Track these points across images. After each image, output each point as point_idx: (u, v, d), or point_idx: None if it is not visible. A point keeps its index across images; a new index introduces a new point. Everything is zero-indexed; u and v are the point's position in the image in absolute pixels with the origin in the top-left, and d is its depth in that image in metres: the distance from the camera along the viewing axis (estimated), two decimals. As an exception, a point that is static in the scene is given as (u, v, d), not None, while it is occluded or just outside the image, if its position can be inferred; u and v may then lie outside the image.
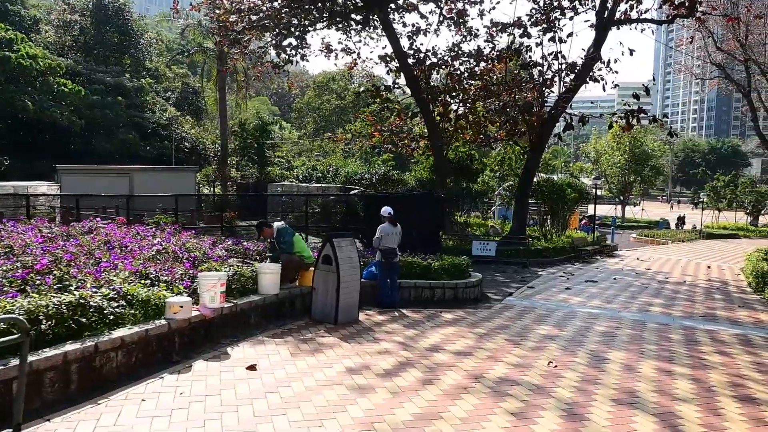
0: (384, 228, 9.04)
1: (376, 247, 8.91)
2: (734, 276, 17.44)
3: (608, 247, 23.24)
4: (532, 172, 19.81)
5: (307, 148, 48.02)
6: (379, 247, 8.91)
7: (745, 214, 49.52)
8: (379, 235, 8.98)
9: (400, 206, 15.76)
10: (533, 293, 11.68)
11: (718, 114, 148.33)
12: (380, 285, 9.00)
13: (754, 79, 25.31)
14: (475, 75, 22.02)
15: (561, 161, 57.98)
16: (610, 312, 9.82)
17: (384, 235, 9.02)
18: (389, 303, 8.92)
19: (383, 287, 8.97)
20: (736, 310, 10.78)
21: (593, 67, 18.89)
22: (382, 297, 8.99)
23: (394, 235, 9.17)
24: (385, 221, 9.18)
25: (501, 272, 15.38)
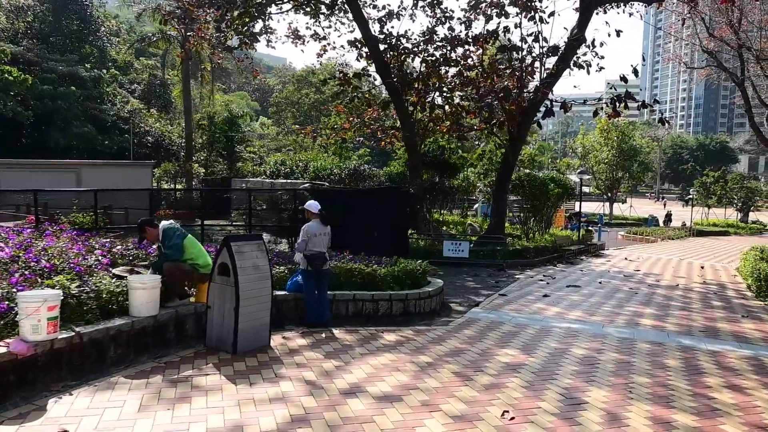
0: (311, 228, 7.26)
1: (301, 251, 7.14)
2: (731, 277, 15.91)
3: (594, 246, 21.67)
4: (511, 165, 18.15)
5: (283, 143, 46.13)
6: (305, 252, 7.15)
7: (735, 211, 48.44)
8: (305, 236, 7.20)
9: (361, 203, 14.07)
10: (505, 302, 9.99)
11: (705, 110, 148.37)
12: (306, 299, 7.24)
13: (747, 67, 23.80)
14: (450, 61, 20.32)
15: (547, 157, 56.59)
16: (592, 327, 8.14)
17: (310, 237, 7.24)
18: (317, 321, 7.18)
19: (310, 301, 7.22)
20: (739, 321, 9.17)
21: (577, 49, 17.25)
22: (309, 313, 7.23)
23: (322, 236, 7.38)
24: (312, 219, 7.39)
25: (473, 276, 13.71)
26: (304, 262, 7.14)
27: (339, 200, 13.03)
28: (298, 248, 7.15)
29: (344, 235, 13.40)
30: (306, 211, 7.53)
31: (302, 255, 7.12)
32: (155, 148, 32.85)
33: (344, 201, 13.43)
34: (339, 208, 13.06)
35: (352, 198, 13.79)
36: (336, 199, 12.74)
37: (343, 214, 13.19)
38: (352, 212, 13.46)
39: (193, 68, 31.39)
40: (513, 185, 20.14)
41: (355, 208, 13.67)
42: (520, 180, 20.07)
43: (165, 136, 33.35)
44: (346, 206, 13.44)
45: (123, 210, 13.84)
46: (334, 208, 13.02)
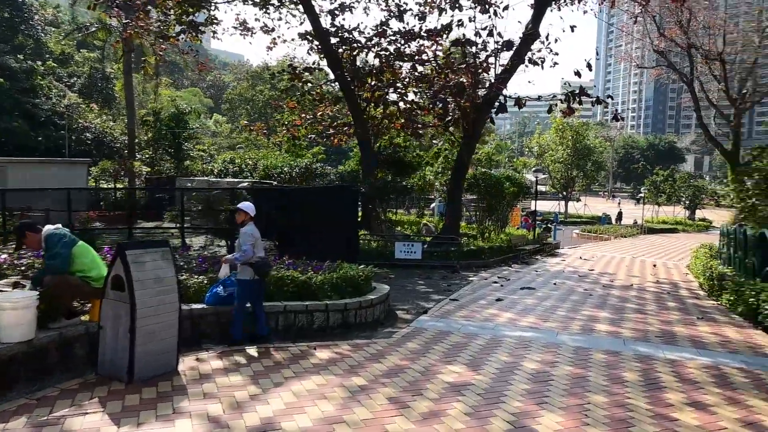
0: (255, 231, 6.42)
1: (248, 258, 6.26)
2: (682, 276, 15.87)
3: (550, 246, 21.48)
4: (465, 163, 17.64)
5: (237, 141, 44.55)
6: (253, 259, 6.29)
7: (683, 209, 49.87)
8: (251, 240, 6.35)
9: (308, 203, 13.20)
10: (455, 308, 9.35)
11: (655, 112, 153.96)
12: (238, 312, 6.36)
13: (696, 67, 24.20)
14: (404, 56, 19.68)
15: (505, 156, 56.94)
16: (546, 335, 7.58)
17: (256, 241, 6.41)
18: (239, 337, 6.34)
19: (241, 316, 6.34)
20: (695, 324, 8.82)
21: (531, 45, 16.89)
22: (237, 329, 6.36)
23: (261, 240, 6.56)
24: (247, 222, 6.53)
25: (426, 279, 13.07)
26: (248, 271, 6.27)
27: (283, 200, 12.14)
28: (245, 255, 6.23)
29: (289, 237, 12.59)
30: (240, 213, 6.56)
31: (243, 263, 6.24)
32: (96, 146, 30.87)
33: (288, 201, 12.55)
34: (283, 209, 12.20)
35: (297, 197, 12.91)
36: (280, 199, 11.85)
37: (287, 216, 12.34)
38: (298, 213, 12.61)
39: (139, 61, 29.66)
40: (468, 184, 19.69)
41: (301, 208, 12.81)
42: (476, 178, 19.62)
43: (107, 133, 31.42)
44: (291, 207, 12.58)
45: (43, 212, 12.49)
46: (277, 208, 12.18)
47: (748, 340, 7.80)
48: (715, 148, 27.47)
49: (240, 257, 6.28)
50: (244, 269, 6.33)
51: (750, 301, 9.19)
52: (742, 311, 9.60)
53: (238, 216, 6.58)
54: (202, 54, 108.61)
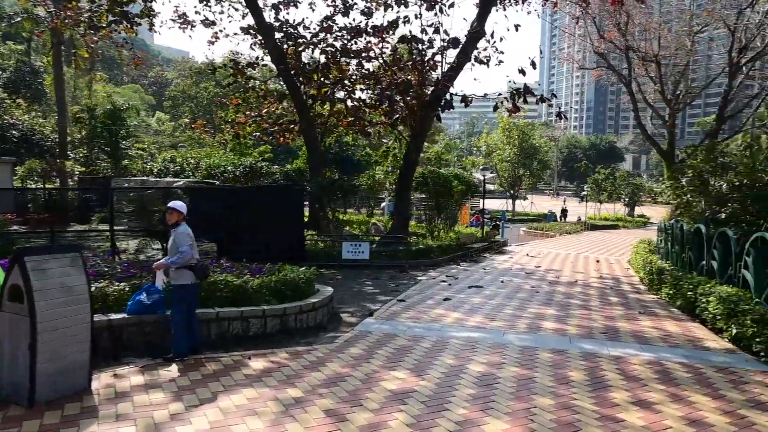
0: (190, 231, 5.90)
1: (187, 261, 5.73)
2: (624, 271, 16.30)
3: (497, 243, 21.68)
4: (413, 161, 17.48)
5: (180, 140, 42.88)
6: (191, 261, 5.77)
7: (623, 206, 51.93)
8: (189, 240, 5.83)
9: (250, 202, 12.64)
10: (402, 309, 9.10)
11: (595, 113, 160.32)
12: (178, 324, 5.76)
13: (634, 69, 25.04)
14: (351, 52, 19.31)
15: (454, 155, 57.63)
16: (492, 335, 7.43)
17: (193, 241, 5.89)
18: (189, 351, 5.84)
19: (182, 327, 5.77)
20: (637, 319, 8.93)
21: (477, 43, 16.91)
22: (180, 343, 5.80)
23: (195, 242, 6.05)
24: (180, 222, 5.97)
25: (373, 279, 12.77)
26: (186, 275, 5.73)
27: (223, 200, 11.54)
28: (184, 256, 5.67)
29: (232, 239, 12.00)
30: (172, 213, 5.96)
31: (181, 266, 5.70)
32: (24, 144, 28.84)
33: (229, 201, 11.97)
34: (223, 209, 11.61)
35: (239, 197, 12.34)
36: (219, 199, 11.24)
37: (228, 216, 11.76)
38: (240, 213, 12.05)
39: (72, 54, 27.88)
40: (417, 182, 19.56)
41: (243, 208, 12.26)
42: (424, 177, 19.50)
43: (36, 130, 29.43)
44: (233, 207, 12.01)
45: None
46: (217, 209, 11.58)
47: (687, 334, 7.93)
48: (653, 147, 28.58)
49: (178, 260, 5.72)
50: (182, 273, 5.78)
51: (688, 295, 9.40)
52: (680, 305, 9.82)
53: (170, 216, 5.98)
54: (143, 49, 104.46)
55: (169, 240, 6.00)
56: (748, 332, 6.96)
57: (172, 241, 5.90)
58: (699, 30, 25.34)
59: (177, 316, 5.79)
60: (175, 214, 5.96)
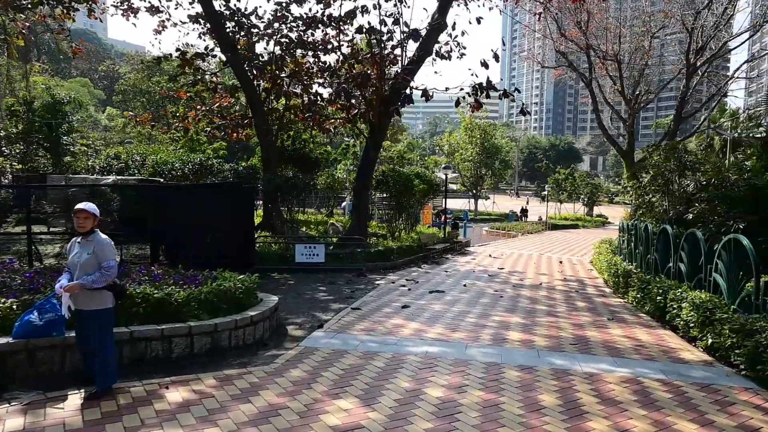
0: (112, 242, 4.84)
1: (111, 278, 4.69)
2: (587, 272, 15.95)
3: (460, 244, 21.12)
4: (372, 158, 16.67)
5: (132, 136, 40.74)
6: (115, 279, 4.75)
7: (582, 206, 52.65)
8: (115, 253, 4.82)
9: (191, 202, 11.55)
10: (357, 319, 8.27)
11: (554, 115, 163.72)
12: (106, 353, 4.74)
13: (594, 69, 24.98)
14: (307, 44, 18.35)
15: (417, 154, 57.19)
16: (454, 349, 6.69)
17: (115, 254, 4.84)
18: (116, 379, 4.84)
19: (110, 355, 4.78)
20: (607, 326, 8.38)
21: (439, 36, 16.25)
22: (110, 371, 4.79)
23: None
24: (96, 227, 4.88)
25: (328, 284, 11.89)
26: (107, 297, 4.68)
27: (161, 199, 10.43)
28: (110, 274, 4.61)
29: (170, 243, 10.90)
30: (86, 216, 4.71)
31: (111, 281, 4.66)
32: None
33: (168, 200, 10.85)
34: (161, 209, 10.49)
35: (180, 196, 11.24)
36: (157, 198, 10.14)
37: (166, 218, 10.65)
38: (180, 214, 10.96)
39: (3, 42, 25.81)
40: (377, 181, 18.78)
41: (185, 208, 11.16)
42: (384, 175, 18.73)
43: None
44: (172, 207, 10.89)
45: None
46: (153, 209, 10.46)
47: (660, 343, 7.40)
48: (613, 147, 28.69)
49: (100, 279, 4.57)
50: (103, 295, 4.68)
51: (657, 300, 8.94)
52: (649, 310, 9.36)
53: (82, 220, 4.70)
54: (95, 42, 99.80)
55: (73, 249, 4.86)
56: (726, 342, 6.44)
57: (87, 255, 4.65)
58: (656, 31, 25.50)
59: (104, 344, 4.69)
60: (91, 217, 4.73)
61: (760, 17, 22.13)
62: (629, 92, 24.93)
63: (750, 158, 10.82)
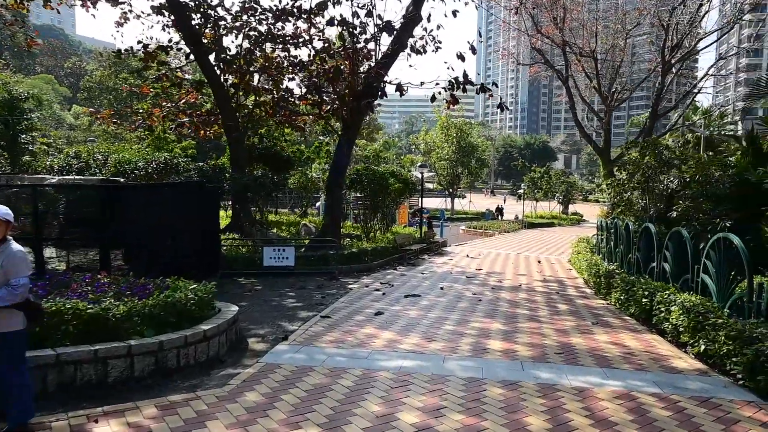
0: (27, 255, 4.06)
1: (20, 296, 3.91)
2: (566, 272, 15.58)
3: (436, 244, 20.61)
4: (345, 157, 16.02)
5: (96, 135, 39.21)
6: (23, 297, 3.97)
7: (557, 204, 52.85)
8: (30, 267, 4.07)
9: (150, 203, 10.75)
10: (325, 329, 7.62)
11: (529, 114, 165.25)
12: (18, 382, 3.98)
13: (570, 66, 24.76)
14: (277, 38, 17.58)
15: (393, 153, 56.59)
16: (431, 362, 6.10)
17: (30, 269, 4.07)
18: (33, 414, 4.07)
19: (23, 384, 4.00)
20: (592, 332, 7.91)
21: (413, 29, 15.68)
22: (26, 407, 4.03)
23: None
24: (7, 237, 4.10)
25: (298, 289, 11.21)
26: (18, 318, 3.91)
27: (115, 200, 9.60)
28: (19, 292, 3.82)
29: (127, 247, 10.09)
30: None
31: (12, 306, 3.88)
32: None
33: (123, 201, 10.02)
34: (115, 211, 9.66)
35: (136, 197, 10.41)
36: (110, 200, 9.31)
37: (121, 220, 9.82)
38: (137, 216, 10.15)
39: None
40: (351, 180, 18.14)
41: (142, 210, 10.36)
42: (359, 174, 18.09)
43: None
44: (127, 208, 10.07)
45: None
46: (106, 210, 9.63)
47: (649, 350, 6.94)
48: (589, 144, 28.59)
49: (5, 297, 3.81)
50: (12, 315, 3.91)
51: (643, 302, 8.51)
52: (634, 312, 8.94)
53: None
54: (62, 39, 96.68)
55: None
56: (721, 350, 6.00)
57: None
58: (632, 28, 25.43)
59: (15, 372, 3.95)
60: (2, 224, 3.97)
61: (734, 15, 22.19)
62: (605, 89, 24.79)
63: (734, 154, 10.55)
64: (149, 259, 10.10)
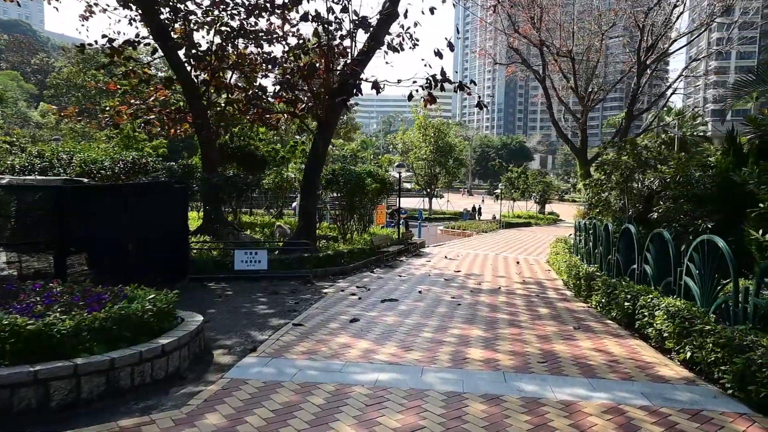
0: None
1: None
2: (545, 273, 15.42)
3: (414, 245, 20.30)
4: (320, 156, 15.56)
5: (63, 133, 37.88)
6: None
7: (534, 203, 53.18)
8: None
9: (109, 205, 10.16)
10: (298, 338, 7.21)
11: (506, 114, 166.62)
12: None
13: (547, 66, 24.72)
14: (249, 33, 17.03)
15: (370, 153, 56.26)
16: (408, 375, 5.74)
17: None
18: None
19: None
20: (574, 337, 7.66)
21: (390, 26, 15.31)
22: None
23: None
24: None
25: (271, 294, 10.74)
26: None
27: (75, 202, 9.01)
28: None
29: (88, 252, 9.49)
30: None
31: None
32: None
33: (84, 203, 9.43)
34: (74, 214, 9.07)
35: (99, 197, 9.82)
36: (68, 201, 8.72)
37: (80, 223, 9.24)
38: (98, 219, 9.57)
39: None
40: (327, 180, 17.71)
41: (104, 212, 9.78)
42: (334, 174, 17.66)
43: None
44: (86, 211, 9.48)
45: None
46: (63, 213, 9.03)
47: (634, 357, 6.70)
48: (566, 144, 28.65)
49: None
50: None
51: (625, 306, 8.30)
52: (616, 316, 8.73)
53: None
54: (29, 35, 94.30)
55: None
56: (709, 357, 5.78)
57: None
58: (607, 29, 25.52)
59: None
60: None
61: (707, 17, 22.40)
62: (582, 90, 24.82)
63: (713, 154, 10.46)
64: (113, 264, 9.55)
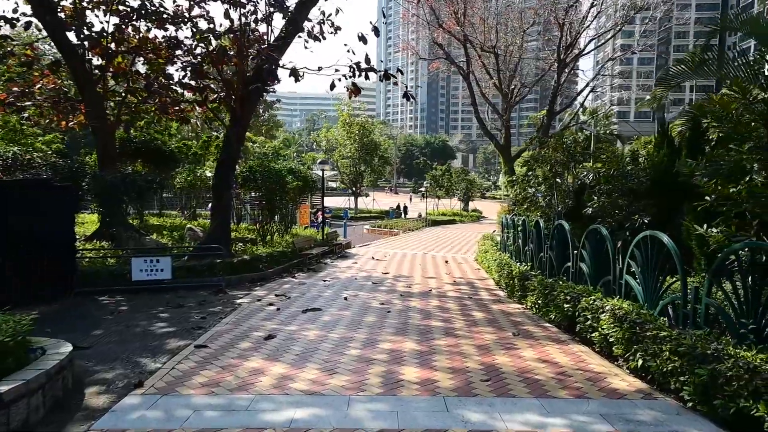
0: None
1: None
2: (475, 272, 14.98)
3: (340, 246, 19.30)
4: (234, 152, 14.14)
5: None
6: None
7: (458, 201, 53.81)
8: None
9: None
10: (198, 366, 5.97)
11: (428, 114, 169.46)
12: None
13: (471, 63, 24.54)
14: (152, 15, 15.23)
15: (293, 150, 54.53)
16: (332, 409, 4.73)
17: None
18: None
19: None
20: (516, 347, 6.99)
21: (309, 10, 14.18)
22: None
23: None
24: None
25: (175, 308, 9.32)
26: None
27: None
28: None
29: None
30: None
31: None
32: None
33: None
34: None
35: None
36: None
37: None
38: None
39: None
40: (243, 178, 16.31)
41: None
42: (252, 171, 16.28)
43: None
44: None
45: None
46: None
47: (582, 367, 6.10)
48: (490, 140, 28.76)
49: None
50: None
51: (565, 308, 7.77)
52: (554, 318, 8.21)
53: None
54: None
55: None
56: (666, 366, 5.22)
57: None
58: (528, 27, 25.79)
59: None
60: None
61: (622, 17, 23.12)
62: (505, 86, 24.89)
63: (645, 147, 10.35)
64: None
